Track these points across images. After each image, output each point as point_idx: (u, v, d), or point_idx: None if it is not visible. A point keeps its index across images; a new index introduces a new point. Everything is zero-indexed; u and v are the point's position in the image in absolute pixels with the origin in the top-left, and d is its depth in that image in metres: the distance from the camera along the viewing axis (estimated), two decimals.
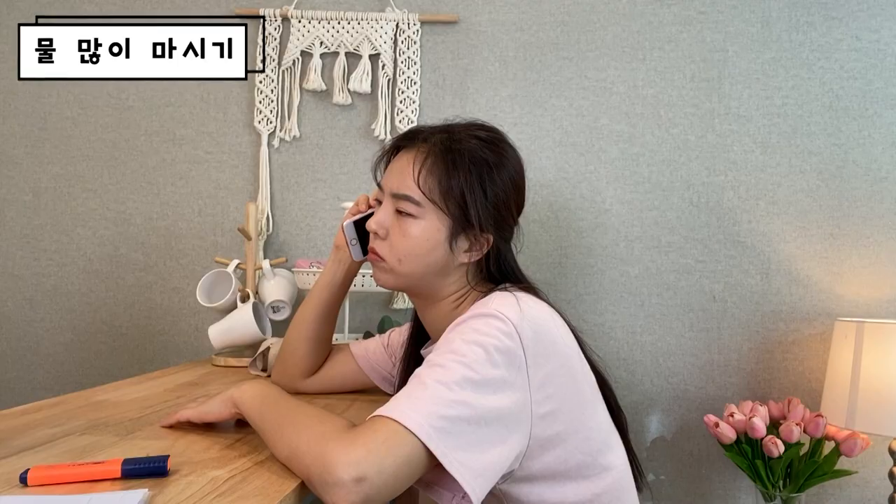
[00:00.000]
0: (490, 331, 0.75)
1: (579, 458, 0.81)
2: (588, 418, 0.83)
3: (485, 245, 0.92)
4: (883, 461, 1.53)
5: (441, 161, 0.89)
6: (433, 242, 0.89)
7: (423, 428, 0.67)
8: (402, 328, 1.15)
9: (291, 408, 0.77)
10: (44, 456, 0.74)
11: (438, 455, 0.67)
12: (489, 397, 0.72)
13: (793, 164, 1.60)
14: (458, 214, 0.89)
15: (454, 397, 0.70)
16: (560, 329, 0.84)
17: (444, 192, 0.88)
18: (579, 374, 0.84)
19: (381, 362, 1.14)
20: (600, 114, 1.64)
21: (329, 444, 0.66)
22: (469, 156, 0.89)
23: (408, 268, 0.91)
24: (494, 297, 0.82)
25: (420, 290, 0.95)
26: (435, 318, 0.96)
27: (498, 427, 0.73)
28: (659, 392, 1.61)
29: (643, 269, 1.62)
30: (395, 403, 0.70)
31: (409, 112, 1.66)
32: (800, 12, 1.60)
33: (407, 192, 0.89)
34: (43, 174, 1.73)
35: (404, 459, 0.66)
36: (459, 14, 1.66)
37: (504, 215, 0.92)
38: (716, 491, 1.60)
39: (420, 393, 0.70)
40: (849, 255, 1.58)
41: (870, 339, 1.33)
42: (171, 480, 0.66)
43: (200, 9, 1.70)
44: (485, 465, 0.70)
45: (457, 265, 0.92)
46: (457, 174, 0.88)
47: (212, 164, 1.71)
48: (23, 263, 1.73)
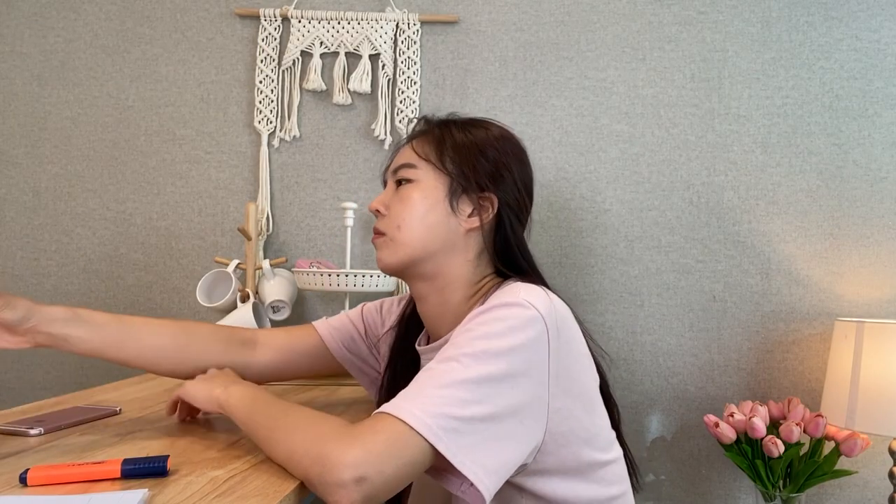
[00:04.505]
0: (517, 322, 0.72)
1: (589, 454, 0.80)
2: (598, 416, 0.83)
3: (489, 209, 0.88)
4: (883, 461, 1.53)
5: (437, 129, 0.92)
6: (431, 200, 0.87)
7: (432, 429, 0.65)
8: (380, 308, 1.08)
9: (284, 409, 0.75)
10: (44, 456, 0.74)
11: (449, 457, 0.65)
12: (507, 393, 0.70)
13: (793, 164, 1.60)
14: (454, 170, 0.88)
15: (470, 396, 0.68)
16: (576, 325, 0.83)
17: (439, 151, 0.89)
18: (589, 371, 0.83)
19: (350, 343, 1.06)
20: (600, 114, 1.64)
21: (328, 445, 0.65)
22: (463, 121, 0.93)
23: (407, 234, 0.87)
24: (520, 286, 0.80)
25: (425, 270, 0.89)
26: (439, 310, 0.90)
27: (513, 422, 0.71)
28: (659, 392, 1.61)
29: (643, 269, 1.62)
30: (404, 400, 0.68)
31: (409, 112, 1.66)
32: (800, 12, 1.60)
33: (403, 160, 0.91)
34: (43, 174, 1.73)
35: (408, 460, 0.65)
36: (459, 14, 1.66)
37: (504, 175, 0.89)
38: (716, 491, 1.60)
39: (432, 391, 0.68)
40: (849, 255, 1.58)
41: (870, 339, 1.33)
42: (171, 480, 0.66)
43: (200, 8, 1.70)
44: (499, 462, 0.69)
45: (463, 233, 0.88)
46: (450, 135, 0.90)
47: (212, 164, 1.71)
48: (23, 263, 1.73)
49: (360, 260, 1.67)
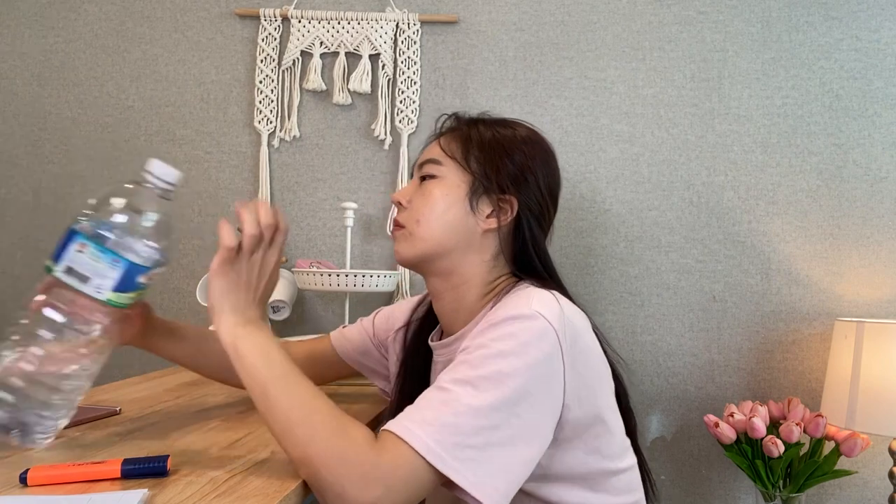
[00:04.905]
0: (529, 337, 0.71)
1: (600, 462, 0.80)
2: (611, 424, 0.82)
3: (508, 211, 0.88)
4: (883, 461, 1.53)
5: (465, 127, 0.92)
6: (452, 198, 0.87)
7: (448, 463, 0.65)
8: (390, 312, 1.10)
9: (302, 393, 0.70)
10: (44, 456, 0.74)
11: (466, 486, 0.65)
12: (524, 414, 0.70)
13: (793, 164, 1.60)
14: (478, 170, 0.87)
15: (486, 423, 0.67)
16: (591, 331, 0.82)
17: (465, 149, 0.89)
18: (605, 379, 0.82)
19: (364, 351, 1.09)
20: (600, 114, 1.64)
21: (348, 471, 0.64)
22: (492, 121, 0.93)
23: (426, 230, 0.87)
24: (532, 292, 0.79)
25: (440, 267, 0.88)
26: (454, 306, 0.90)
27: (528, 441, 0.71)
28: (659, 392, 1.61)
29: (643, 269, 1.62)
30: (421, 426, 0.67)
31: (409, 112, 1.66)
32: (800, 12, 1.60)
33: (429, 156, 0.91)
34: (43, 174, 1.73)
35: (423, 491, 0.66)
36: (459, 14, 1.66)
37: (528, 179, 0.88)
38: (716, 491, 1.60)
39: (448, 419, 0.67)
40: (849, 255, 1.58)
41: (870, 339, 1.33)
42: (171, 480, 0.66)
43: (200, 8, 1.70)
44: (510, 481, 0.69)
45: (481, 233, 0.87)
46: (478, 134, 0.90)
47: (212, 164, 1.70)
48: (23, 263, 1.73)
49: (360, 260, 1.67)
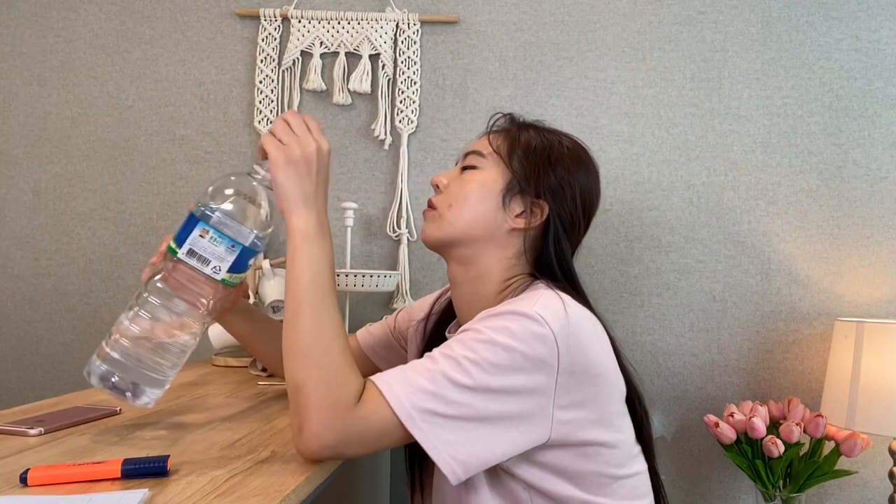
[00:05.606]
0: (524, 336, 0.72)
1: (602, 467, 0.79)
2: (616, 430, 0.81)
3: (538, 215, 0.88)
4: (883, 461, 1.53)
5: (516, 128, 0.94)
6: (486, 191, 0.89)
7: (417, 423, 0.68)
8: (412, 307, 1.13)
9: (326, 326, 0.73)
10: (44, 456, 0.74)
11: (427, 448, 0.69)
12: (502, 402, 0.71)
13: (793, 164, 1.60)
14: (518, 170, 0.89)
15: (458, 399, 0.69)
16: (600, 338, 0.81)
17: (510, 149, 0.91)
18: (613, 386, 0.81)
19: (386, 345, 1.13)
20: (600, 114, 1.64)
21: (331, 413, 0.68)
22: (544, 129, 0.95)
23: (455, 215, 0.88)
24: (541, 293, 0.79)
25: (461, 254, 0.90)
26: (470, 297, 0.91)
27: (505, 425, 0.72)
28: (659, 392, 1.61)
29: (643, 269, 1.62)
30: (399, 385, 0.70)
31: (409, 112, 1.66)
32: (800, 12, 1.60)
33: (475, 148, 0.93)
34: (43, 174, 1.73)
35: (385, 444, 0.71)
36: (459, 14, 1.66)
37: (565, 191, 0.89)
38: (716, 491, 1.60)
39: (426, 386, 0.70)
40: (849, 255, 1.58)
41: (870, 339, 1.33)
42: (171, 480, 0.66)
43: (200, 8, 1.70)
44: (474, 455, 0.70)
45: (507, 230, 0.88)
46: (527, 136, 0.92)
47: (212, 164, 1.70)
48: (23, 263, 1.73)
49: (360, 260, 1.67)
